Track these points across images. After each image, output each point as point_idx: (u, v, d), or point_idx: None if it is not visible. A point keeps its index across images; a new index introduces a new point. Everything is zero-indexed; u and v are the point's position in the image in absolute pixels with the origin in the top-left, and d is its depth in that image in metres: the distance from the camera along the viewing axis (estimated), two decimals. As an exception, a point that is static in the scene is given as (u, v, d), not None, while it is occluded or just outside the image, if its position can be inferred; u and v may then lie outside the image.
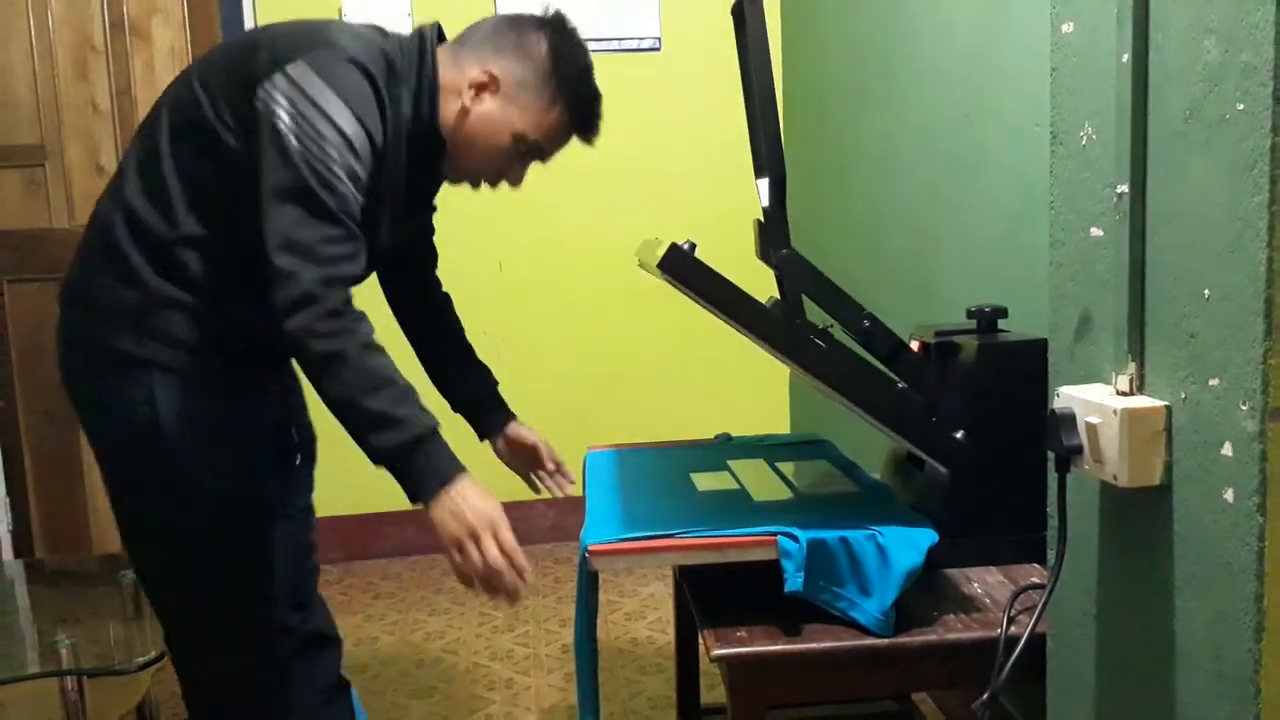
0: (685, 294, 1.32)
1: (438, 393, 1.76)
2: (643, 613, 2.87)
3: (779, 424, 3.51)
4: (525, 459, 1.80)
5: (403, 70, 1.44)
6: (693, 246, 1.30)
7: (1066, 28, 1.08)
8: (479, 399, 1.79)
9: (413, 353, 1.78)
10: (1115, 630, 1.06)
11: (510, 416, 1.80)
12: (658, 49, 3.38)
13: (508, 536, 1.34)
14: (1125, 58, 0.96)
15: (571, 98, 1.48)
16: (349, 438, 1.50)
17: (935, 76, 2.16)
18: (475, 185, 1.55)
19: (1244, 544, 0.85)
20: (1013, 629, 1.24)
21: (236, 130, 1.36)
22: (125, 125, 3.04)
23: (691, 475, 1.66)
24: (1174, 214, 0.92)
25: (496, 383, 1.80)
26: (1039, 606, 1.12)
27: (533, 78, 1.46)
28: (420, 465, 1.32)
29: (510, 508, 1.37)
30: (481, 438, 1.80)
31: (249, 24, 3.19)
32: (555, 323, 3.45)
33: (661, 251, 1.27)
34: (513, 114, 1.47)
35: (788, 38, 3.32)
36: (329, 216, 1.31)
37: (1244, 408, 0.84)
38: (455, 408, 1.78)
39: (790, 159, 1.45)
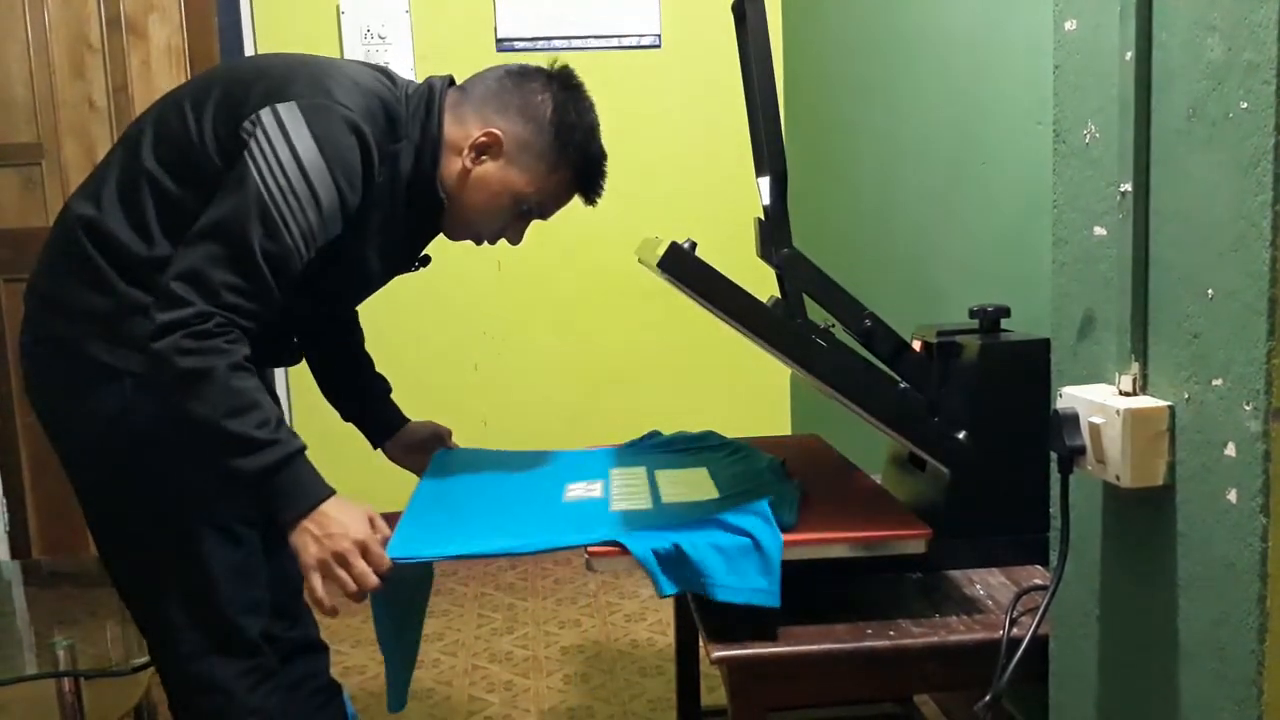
0: (685, 293, 1.32)
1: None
2: (643, 614, 2.86)
3: (779, 424, 3.51)
4: (428, 450, 1.74)
5: (406, 124, 1.40)
6: (693, 245, 1.29)
7: (1069, 25, 1.07)
8: (383, 407, 1.74)
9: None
10: (1118, 631, 1.06)
11: (406, 419, 1.75)
12: (658, 46, 3.38)
13: (378, 552, 1.29)
14: (1128, 55, 0.95)
15: (575, 160, 1.45)
16: (349, 438, 1.48)
17: (937, 74, 2.16)
18: (477, 243, 1.53)
19: (1247, 545, 0.85)
20: (1015, 630, 1.23)
21: (222, 162, 1.33)
22: (122, 123, 3.04)
23: (566, 484, 1.60)
24: (1177, 213, 0.92)
25: (391, 388, 1.76)
26: (1041, 608, 1.12)
27: (535, 139, 1.43)
28: (283, 490, 1.29)
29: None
30: (378, 444, 1.74)
31: (246, 22, 3.18)
32: (555, 322, 3.45)
33: (661, 250, 1.26)
34: (513, 175, 1.44)
35: (788, 35, 3.31)
36: (249, 268, 1.27)
37: (1247, 408, 0.84)
38: (349, 416, 1.73)
39: (791, 157, 1.45)
